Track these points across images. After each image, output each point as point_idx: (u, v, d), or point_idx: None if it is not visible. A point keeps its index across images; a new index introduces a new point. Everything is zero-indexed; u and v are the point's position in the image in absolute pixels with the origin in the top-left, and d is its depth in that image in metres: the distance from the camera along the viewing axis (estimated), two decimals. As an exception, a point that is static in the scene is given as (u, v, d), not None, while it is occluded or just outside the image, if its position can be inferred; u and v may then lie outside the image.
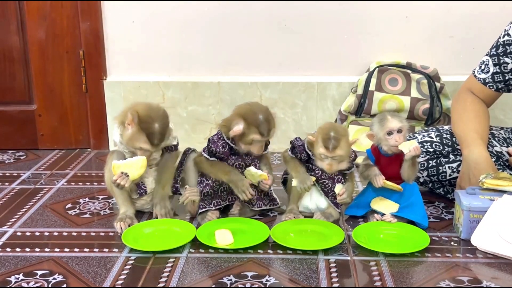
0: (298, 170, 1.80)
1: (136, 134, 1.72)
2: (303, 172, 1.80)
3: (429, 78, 2.40)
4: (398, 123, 1.75)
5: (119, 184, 1.73)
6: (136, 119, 1.70)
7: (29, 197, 2.08)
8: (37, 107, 2.63)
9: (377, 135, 1.78)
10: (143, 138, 1.71)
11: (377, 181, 1.78)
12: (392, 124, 1.75)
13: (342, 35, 2.51)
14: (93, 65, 2.57)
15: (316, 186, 1.84)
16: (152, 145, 1.73)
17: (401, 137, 1.76)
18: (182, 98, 2.57)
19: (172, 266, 1.56)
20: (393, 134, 1.75)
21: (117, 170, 1.73)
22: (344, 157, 1.76)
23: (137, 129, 1.71)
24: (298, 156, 1.82)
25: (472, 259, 1.60)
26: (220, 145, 1.80)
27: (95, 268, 1.56)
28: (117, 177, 1.72)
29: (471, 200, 1.68)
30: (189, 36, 2.54)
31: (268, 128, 1.76)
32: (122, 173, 1.72)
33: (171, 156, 1.89)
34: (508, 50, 1.88)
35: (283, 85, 2.55)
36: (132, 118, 1.70)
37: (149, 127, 1.71)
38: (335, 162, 1.75)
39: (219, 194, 1.87)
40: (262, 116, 1.75)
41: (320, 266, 1.56)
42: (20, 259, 1.61)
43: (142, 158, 1.74)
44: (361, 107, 2.42)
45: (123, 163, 1.74)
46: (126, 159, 1.77)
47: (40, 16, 2.51)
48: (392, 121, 1.76)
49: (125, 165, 1.73)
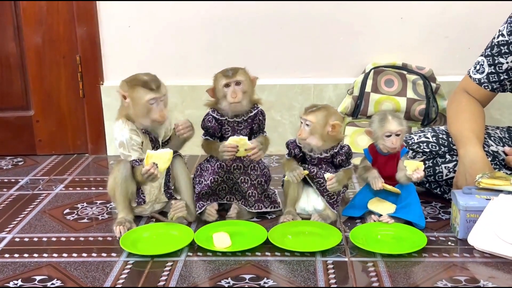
0: (290, 164, 1.82)
1: (134, 94, 1.75)
2: (294, 164, 1.82)
3: (425, 79, 2.40)
4: (397, 126, 1.76)
5: (151, 173, 1.71)
6: (124, 86, 1.76)
7: (27, 203, 2.08)
8: (35, 112, 2.63)
9: (375, 133, 1.79)
10: (141, 90, 1.74)
11: (376, 184, 1.78)
12: (392, 127, 1.75)
13: (337, 37, 2.52)
14: (90, 70, 2.58)
15: (313, 187, 1.84)
16: (154, 90, 1.74)
17: (398, 140, 1.76)
18: (179, 101, 2.58)
19: (170, 269, 1.57)
20: (391, 137, 1.76)
21: (150, 160, 1.72)
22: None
23: (132, 88, 1.75)
24: (292, 153, 1.84)
25: (469, 259, 1.60)
26: (207, 120, 1.87)
27: (93, 273, 1.56)
28: (150, 166, 1.71)
29: (468, 199, 1.69)
30: (185, 40, 2.55)
31: (233, 71, 1.82)
32: (154, 164, 1.72)
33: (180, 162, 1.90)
34: (502, 51, 1.89)
35: (280, 88, 2.56)
36: (121, 89, 1.77)
37: (139, 80, 1.76)
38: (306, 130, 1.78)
39: (217, 193, 1.89)
40: (231, 68, 1.83)
41: (318, 267, 1.56)
42: (19, 265, 1.62)
43: (169, 152, 1.74)
44: (357, 109, 2.43)
45: (156, 153, 1.73)
46: (157, 150, 1.76)
47: (36, 21, 2.52)
48: (392, 123, 1.76)
49: (157, 156, 1.73)
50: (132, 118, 1.79)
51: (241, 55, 2.55)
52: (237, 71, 1.82)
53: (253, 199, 1.86)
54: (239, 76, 1.81)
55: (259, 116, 1.88)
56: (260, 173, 1.87)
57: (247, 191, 1.86)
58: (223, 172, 1.86)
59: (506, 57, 1.89)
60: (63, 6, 2.51)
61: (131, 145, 1.79)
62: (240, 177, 1.86)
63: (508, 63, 1.90)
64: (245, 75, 1.84)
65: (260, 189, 1.87)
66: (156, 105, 1.76)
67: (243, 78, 1.82)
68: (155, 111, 1.76)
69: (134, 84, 1.75)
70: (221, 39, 2.54)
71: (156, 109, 1.76)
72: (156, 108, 1.76)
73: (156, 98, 1.75)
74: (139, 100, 1.75)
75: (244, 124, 1.86)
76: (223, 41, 2.54)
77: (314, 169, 1.83)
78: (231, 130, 1.86)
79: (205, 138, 1.90)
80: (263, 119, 1.90)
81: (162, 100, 1.77)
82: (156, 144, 1.83)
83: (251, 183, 1.86)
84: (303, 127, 1.79)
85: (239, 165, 1.85)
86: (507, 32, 1.87)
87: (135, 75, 1.79)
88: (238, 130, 1.86)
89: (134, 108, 1.76)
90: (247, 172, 1.86)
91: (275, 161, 2.46)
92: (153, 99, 1.75)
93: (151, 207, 1.89)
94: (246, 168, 1.86)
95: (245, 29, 2.52)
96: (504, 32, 1.88)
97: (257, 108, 1.88)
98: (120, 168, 1.81)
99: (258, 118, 1.88)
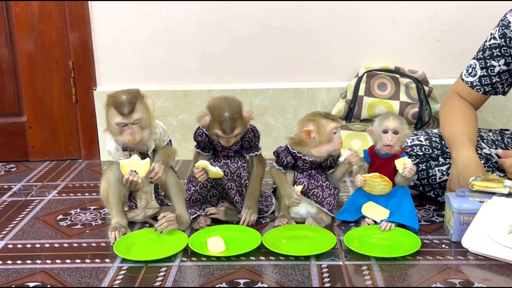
0: (284, 186, 1.81)
1: (108, 112, 1.73)
2: (288, 187, 1.80)
3: (418, 82, 2.41)
4: (395, 123, 1.77)
5: (132, 181, 1.71)
6: (106, 99, 1.73)
7: (20, 209, 2.07)
8: (27, 118, 2.62)
9: (375, 132, 1.80)
10: (113, 112, 1.71)
11: (357, 181, 1.79)
12: (390, 123, 1.77)
13: (330, 41, 2.52)
14: (82, 76, 2.57)
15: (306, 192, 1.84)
16: (123, 116, 1.69)
17: (394, 138, 1.76)
18: (172, 107, 2.58)
19: (164, 275, 1.56)
20: (388, 133, 1.76)
21: (126, 169, 1.72)
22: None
23: (108, 105, 1.72)
24: (284, 161, 1.83)
25: (463, 261, 1.60)
26: (198, 134, 1.84)
27: (87, 279, 1.55)
28: (128, 175, 1.71)
29: (461, 202, 1.69)
30: (178, 45, 2.55)
31: (231, 127, 1.74)
32: (132, 171, 1.72)
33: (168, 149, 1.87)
34: (494, 53, 1.90)
35: (273, 92, 2.56)
36: (104, 103, 1.74)
37: (115, 99, 1.70)
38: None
39: (209, 200, 1.88)
40: (228, 114, 1.74)
41: (313, 271, 1.56)
42: (12, 272, 1.61)
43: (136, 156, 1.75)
44: (351, 112, 2.44)
45: (130, 161, 1.73)
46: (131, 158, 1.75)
47: (28, 28, 2.51)
48: (391, 120, 1.77)
49: (132, 163, 1.73)
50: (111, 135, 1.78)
51: (235, 59, 2.55)
52: (234, 128, 1.74)
53: (239, 205, 1.86)
54: (236, 131, 1.75)
55: (249, 133, 1.84)
56: (246, 180, 1.87)
57: (234, 198, 1.86)
58: (212, 178, 1.85)
59: (498, 60, 1.90)
60: (56, 11, 2.51)
61: (118, 155, 1.80)
62: (228, 184, 1.85)
63: (500, 66, 1.91)
64: (240, 126, 1.76)
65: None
66: (127, 128, 1.72)
67: (239, 131, 1.76)
68: (126, 134, 1.72)
69: (110, 102, 1.72)
70: (214, 43, 2.54)
71: (127, 132, 1.72)
72: (127, 131, 1.72)
73: (125, 123, 1.71)
74: (110, 121, 1.73)
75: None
76: (216, 46, 2.54)
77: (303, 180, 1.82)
78: (221, 145, 1.84)
79: (197, 151, 1.89)
80: (253, 136, 1.85)
81: (135, 124, 1.71)
82: (145, 156, 1.81)
83: (237, 190, 1.86)
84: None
85: (226, 171, 1.84)
86: (499, 35, 1.89)
87: (119, 91, 1.74)
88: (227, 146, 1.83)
89: (108, 124, 1.75)
90: (233, 179, 1.85)
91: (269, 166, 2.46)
92: (122, 124, 1.71)
93: (143, 212, 1.89)
94: (232, 175, 1.85)
95: (238, 33, 2.52)
96: (496, 35, 1.89)
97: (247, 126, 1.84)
98: (112, 169, 1.81)
99: (248, 135, 1.84)
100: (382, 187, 1.79)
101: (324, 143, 1.78)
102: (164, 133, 1.87)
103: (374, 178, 1.77)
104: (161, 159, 1.79)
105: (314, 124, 1.78)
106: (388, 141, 1.76)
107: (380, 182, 1.77)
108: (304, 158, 1.82)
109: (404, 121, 1.81)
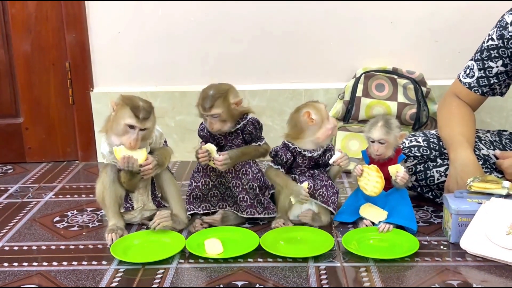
0: (289, 184, 1.81)
1: (120, 111, 1.71)
2: (294, 185, 1.80)
3: (415, 83, 2.41)
4: (380, 135, 1.75)
5: (128, 160, 1.71)
6: (119, 100, 1.73)
7: (17, 211, 2.06)
8: (24, 120, 2.61)
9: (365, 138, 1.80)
10: (127, 112, 1.70)
11: (356, 171, 1.79)
12: (374, 134, 1.76)
13: (328, 42, 2.52)
14: (79, 77, 2.57)
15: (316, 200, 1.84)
16: (137, 119, 1.70)
17: (381, 147, 1.76)
18: (169, 107, 2.57)
19: (161, 277, 1.56)
20: (374, 143, 1.76)
21: (120, 154, 1.71)
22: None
23: (121, 105, 1.72)
24: (284, 159, 1.82)
25: (461, 263, 1.60)
26: (200, 129, 1.88)
27: (84, 281, 1.55)
28: (122, 160, 1.71)
29: (459, 203, 1.69)
30: (175, 46, 2.54)
31: (210, 104, 1.77)
32: (125, 156, 1.71)
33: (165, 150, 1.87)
34: (492, 55, 1.90)
35: (270, 93, 2.56)
36: (114, 102, 1.74)
37: (133, 102, 1.72)
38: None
39: (209, 199, 1.88)
40: (210, 91, 1.79)
41: (311, 273, 1.56)
42: (8, 274, 1.60)
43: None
44: (348, 113, 2.43)
45: (123, 147, 1.72)
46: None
47: (25, 29, 2.51)
48: (376, 131, 1.75)
49: (125, 149, 1.72)
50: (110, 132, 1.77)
51: (232, 60, 2.55)
52: (213, 105, 1.76)
53: (244, 204, 1.85)
54: (214, 109, 1.77)
55: (248, 126, 1.84)
56: (252, 177, 1.85)
57: (239, 196, 1.85)
58: (215, 176, 1.85)
59: (496, 61, 1.90)
60: (52, 12, 2.50)
61: (112, 158, 1.79)
62: (232, 181, 1.85)
63: (498, 67, 1.91)
64: (222, 106, 1.77)
65: (252, 194, 1.85)
66: (133, 133, 1.72)
67: (219, 110, 1.77)
68: (128, 137, 1.72)
69: (126, 103, 1.72)
70: (211, 44, 2.53)
71: (131, 136, 1.72)
72: (131, 135, 1.72)
73: (136, 126, 1.71)
74: (120, 119, 1.72)
75: (234, 134, 1.85)
76: (213, 47, 2.53)
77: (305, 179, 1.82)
78: (224, 139, 1.85)
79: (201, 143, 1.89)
80: (253, 128, 1.85)
81: (142, 131, 1.72)
82: None
83: (243, 188, 1.85)
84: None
85: (231, 169, 1.84)
86: (496, 36, 1.88)
87: (136, 97, 1.75)
88: (230, 139, 1.85)
89: (114, 123, 1.74)
90: (239, 176, 1.85)
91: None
92: (132, 126, 1.71)
93: (140, 214, 1.88)
94: (237, 172, 1.85)
95: (236, 34, 2.52)
96: (494, 36, 1.89)
97: (246, 118, 1.85)
98: (107, 171, 1.81)
99: (247, 128, 1.84)
100: (374, 184, 1.77)
101: (325, 124, 1.80)
102: (160, 136, 1.86)
103: (372, 170, 1.77)
104: (157, 159, 1.79)
105: (309, 108, 1.80)
106: (376, 151, 1.76)
107: (376, 175, 1.76)
108: (303, 154, 1.82)
109: (394, 125, 1.77)
